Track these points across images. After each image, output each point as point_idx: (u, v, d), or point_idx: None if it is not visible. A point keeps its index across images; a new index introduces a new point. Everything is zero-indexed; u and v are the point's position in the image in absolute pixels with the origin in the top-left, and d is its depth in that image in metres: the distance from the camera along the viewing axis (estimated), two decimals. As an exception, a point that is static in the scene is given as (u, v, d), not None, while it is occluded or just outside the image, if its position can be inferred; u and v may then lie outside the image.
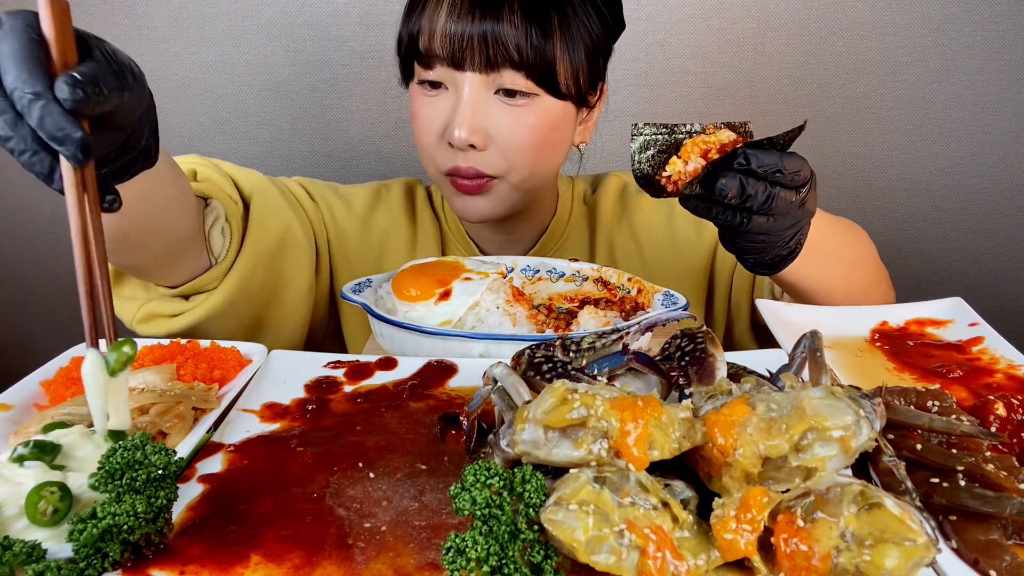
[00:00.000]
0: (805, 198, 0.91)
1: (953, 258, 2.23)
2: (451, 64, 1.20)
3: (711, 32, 2.02)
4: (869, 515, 0.56)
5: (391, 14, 1.99)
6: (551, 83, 1.22)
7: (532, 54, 1.17)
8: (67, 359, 1.01)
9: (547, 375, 0.76)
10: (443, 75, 1.22)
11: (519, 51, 1.17)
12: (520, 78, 1.20)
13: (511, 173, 1.28)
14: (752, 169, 0.85)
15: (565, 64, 1.22)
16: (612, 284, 1.30)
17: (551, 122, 1.26)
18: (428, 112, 1.25)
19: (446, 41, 1.17)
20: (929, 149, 2.13)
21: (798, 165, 0.87)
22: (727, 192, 0.85)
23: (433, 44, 1.19)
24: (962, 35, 2.03)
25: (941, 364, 0.95)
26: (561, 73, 1.22)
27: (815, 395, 0.63)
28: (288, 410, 0.91)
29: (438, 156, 1.28)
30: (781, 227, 0.92)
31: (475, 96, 1.21)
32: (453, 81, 1.22)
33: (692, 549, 0.59)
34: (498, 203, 1.32)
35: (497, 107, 1.22)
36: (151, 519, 0.64)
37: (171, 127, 2.08)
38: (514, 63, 1.18)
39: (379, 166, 2.11)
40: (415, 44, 1.22)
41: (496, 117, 1.22)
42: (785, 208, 0.89)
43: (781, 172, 0.85)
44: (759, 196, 0.86)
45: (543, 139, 1.26)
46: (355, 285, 1.20)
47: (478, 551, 0.56)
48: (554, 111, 1.25)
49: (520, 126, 1.23)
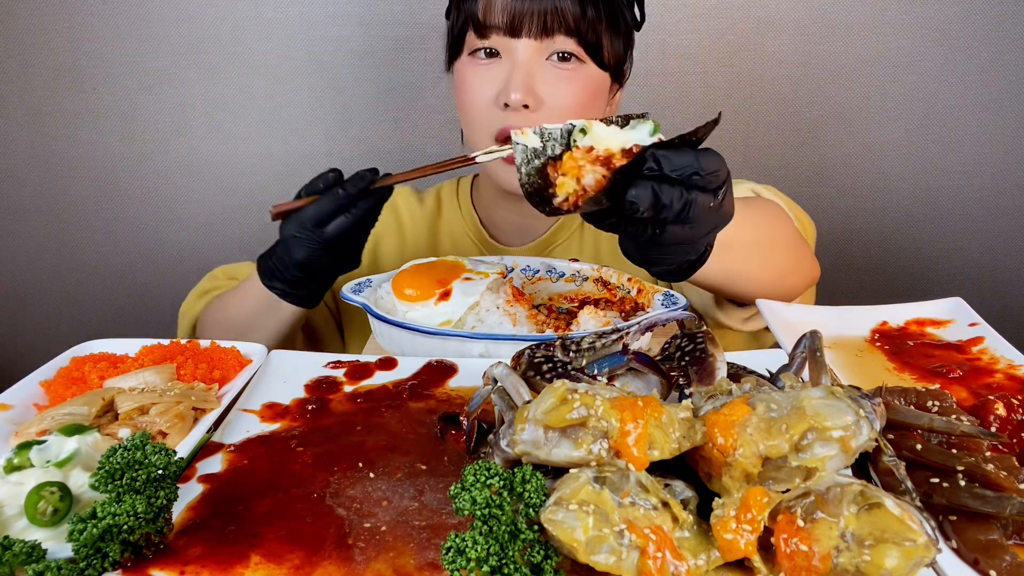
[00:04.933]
0: (723, 200, 0.82)
1: (953, 258, 2.23)
2: (508, 32, 1.28)
3: (711, 32, 2.02)
4: (869, 515, 0.56)
5: (391, 14, 1.99)
6: (598, 52, 1.31)
7: (584, 24, 1.28)
8: (67, 359, 1.01)
9: (547, 375, 0.76)
10: (498, 43, 1.30)
11: (575, 19, 1.27)
12: (571, 44, 1.28)
13: None
14: (665, 174, 0.76)
15: (608, 38, 1.32)
16: (612, 284, 1.31)
17: (594, 88, 1.34)
18: (480, 78, 1.32)
19: (506, 13, 1.27)
20: (929, 149, 2.13)
21: (715, 164, 0.79)
22: (640, 205, 0.76)
23: (491, 15, 1.28)
24: (962, 35, 2.03)
25: (941, 364, 0.95)
26: (605, 44, 1.31)
27: (815, 395, 0.63)
28: (288, 410, 0.91)
29: (489, 120, 1.33)
30: (698, 235, 0.83)
31: (530, 60, 1.29)
32: (508, 48, 1.30)
33: (692, 549, 0.59)
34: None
35: (549, 71, 1.30)
36: (151, 519, 0.64)
37: (171, 127, 2.08)
38: (569, 30, 1.27)
39: (379, 166, 2.10)
40: (472, 17, 1.31)
41: (548, 81, 1.30)
42: (703, 214, 0.80)
43: (698, 174, 0.76)
44: (675, 204, 0.77)
45: (587, 103, 1.33)
46: (355, 285, 1.20)
47: (478, 551, 0.56)
48: (597, 79, 1.34)
49: (569, 89, 1.30)
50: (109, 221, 2.17)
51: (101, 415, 0.87)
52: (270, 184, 2.13)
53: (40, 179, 2.13)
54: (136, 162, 2.11)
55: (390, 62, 2.04)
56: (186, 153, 2.11)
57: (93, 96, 2.05)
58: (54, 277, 2.22)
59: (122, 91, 2.04)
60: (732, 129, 2.05)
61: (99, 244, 2.19)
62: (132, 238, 2.18)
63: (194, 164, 2.12)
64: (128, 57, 2.01)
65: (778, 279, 1.16)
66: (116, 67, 2.02)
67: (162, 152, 2.10)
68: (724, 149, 0.85)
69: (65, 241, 2.19)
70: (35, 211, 2.16)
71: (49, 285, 2.23)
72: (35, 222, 2.17)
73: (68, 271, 2.21)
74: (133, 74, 2.03)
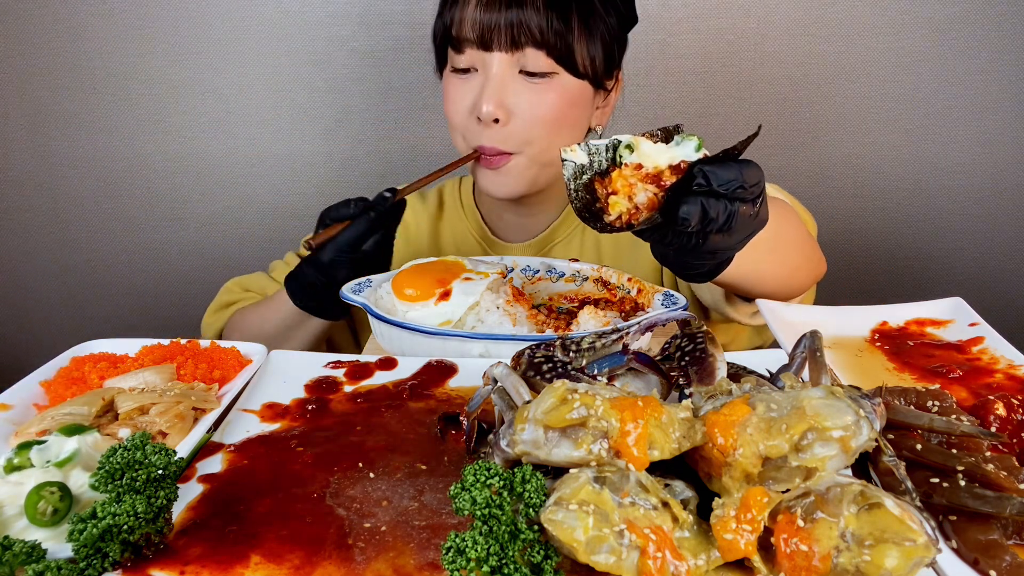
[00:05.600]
0: (760, 208, 0.85)
1: (953, 258, 2.23)
2: (480, 45, 1.31)
3: (711, 32, 2.02)
4: (869, 515, 0.56)
5: (391, 14, 1.99)
6: (569, 62, 1.32)
7: (552, 35, 1.29)
8: (67, 359, 1.01)
9: (547, 375, 0.76)
10: (473, 58, 1.33)
11: (540, 31, 1.28)
12: (542, 57, 1.30)
13: (528, 147, 1.36)
14: (713, 189, 0.78)
15: (583, 45, 1.33)
16: (612, 284, 1.31)
17: (569, 98, 1.35)
18: (459, 92, 1.37)
19: (476, 26, 1.30)
20: (929, 149, 2.13)
21: (756, 176, 0.81)
22: (691, 221, 0.78)
23: (464, 30, 1.31)
24: (962, 35, 2.03)
25: (941, 364, 0.95)
26: (579, 52, 1.32)
27: (815, 395, 0.63)
28: (288, 410, 0.91)
29: (468, 133, 1.38)
30: (736, 242, 0.86)
31: (501, 74, 1.31)
32: (482, 63, 1.33)
33: (692, 549, 0.59)
34: (518, 179, 1.40)
35: (520, 85, 1.32)
36: (151, 519, 0.64)
37: (171, 127, 2.08)
38: (536, 42, 1.29)
39: (379, 166, 2.11)
40: (449, 32, 1.35)
41: (519, 93, 1.32)
42: (744, 224, 0.82)
43: (743, 188, 0.78)
44: (720, 217, 0.79)
45: (561, 114, 1.35)
46: (355, 285, 1.20)
47: (478, 551, 0.56)
48: (572, 89, 1.34)
49: (540, 101, 1.33)
50: (109, 221, 2.17)
51: (101, 415, 0.87)
52: (270, 184, 2.13)
53: (40, 179, 2.13)
54: (136, 162, 2.11)
55: (390, 62, 2.04)
56: (186, 153, 2.11)
57: (93, 96, 2.05)
58: (54, 277, 2.22)
59: (122, 91, 2.04)
60: (732, 129, 2.05)
61: (99, 244, 2.19)
62: (132, 238, 2.19)
63: (194, 164, 2.12)
64: (128, 57, 2.01)
65: (791, 275, 1.19)
66: (116, 67, 2.02)
67: (162, 152, 2.10)
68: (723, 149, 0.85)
69: (65, 241, 2.19)
70: (35, 211, 2.16)
71: (49, 285, 2.23)
72: (35, 222, 2.17)
73: (68, 271, 2.21)
74: (133, 74, 2.03)
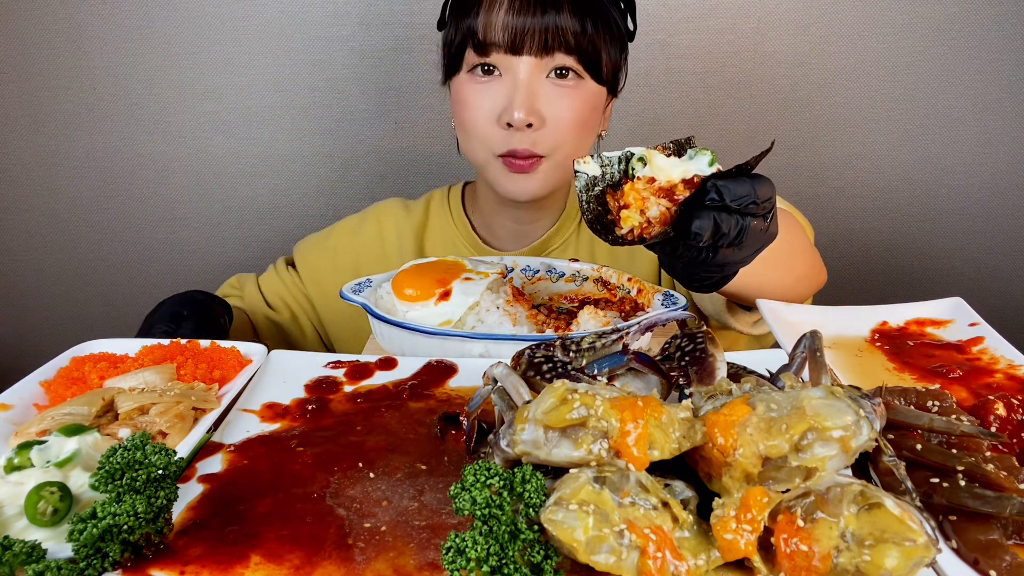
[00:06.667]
0: (770, 222, 0.85)
1: (953, 258, 2.23)
2: (509, 50, 1.29)
3: (711, 32, 2.02)
4: (869, 515, 0.56)
5: (391, 14, 1.99)
6: (596, 68, 1.33)
7: (584, 39, 1.29)
8: (67, 359, 1.01)
9: (547, 375, 0.76)
10: (498, 60, 1.31)
11: (575, 36, 1.28)
12: (570, 61, 1.30)
13: (557, 151, 1.35)
14: (725, 204, 0.78)
15: (606, 52, 1.34)
16: (612, 284, 1.31)
17: (592, 103, 1.36)
18: (480, 96, 1.33)
19: (507, 31, 1.28)
20: (929, 149, 2.13)
21: (769, 191, 0.81)
22: (703, 235, 0.78)
23: (491, 34, 1.29)
24: (962, 35, 2.03)
25: (941, 364, 0.95)
26: (604, 58, 1.33)
27: (815, 395, 0.63)
28: (288, 410, 0.91)
29: (491, 139, 1.34)
30: (745, 255, 0.86)
31: (531, 79, 1.30)
32: (508, 66, 1.31)
33: (692, 549, 0.59)
34: (544, 181, 1.39)
35: (549, 88, 1.32)
36: (151, 519, 0.64)
37: (171, 127, 2.08)
38: (568, 48, 1.29)
39: (379, 166, 2.11)
40: (475, 37, 1.31)
41: (549, 98, 1.32)
42: (755, 239, 0.83)
43: (755, 203, 0.78)
44: (732, 232, 0.79)
45: (586, 119, 1.36)
46: (355, 285, 1.20)
47: (478, 551, 0.56)
48: (595, 94, 1.36)
49: (569, 106, 1.33)
50: (109, 221, 2.17)
51: (101, 415, 0.87)
52: (270, 184, 2.13)
53: (40, 179, 2.13)
54: (136, 162, 2.11)
55: (390, 62, 2.03)
56: (186, 153, 2.10)
57: (93, 96, 2.04)
58: (54, 277, 2.22)
59: (122, 91, 2.04)
60: (731, 130, 2.05)
61: (99, 244, 2.19)
62: (132, 238, 2.18)
63: (194, 164, 2.12)
64: (128, 57, 2.01)
65: (794, 285, 1.19)
66: (116, 67, 2.02)
67: (162, 152, 2.10)
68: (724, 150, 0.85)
69: (65, 241, 2.18)
70: (35, 211, 2.16)
71: (49, 285, 2.23)
72: (35, 222, 2.17)
73: (68, 271, 2.21)
74: (133, 74, 2.03)
